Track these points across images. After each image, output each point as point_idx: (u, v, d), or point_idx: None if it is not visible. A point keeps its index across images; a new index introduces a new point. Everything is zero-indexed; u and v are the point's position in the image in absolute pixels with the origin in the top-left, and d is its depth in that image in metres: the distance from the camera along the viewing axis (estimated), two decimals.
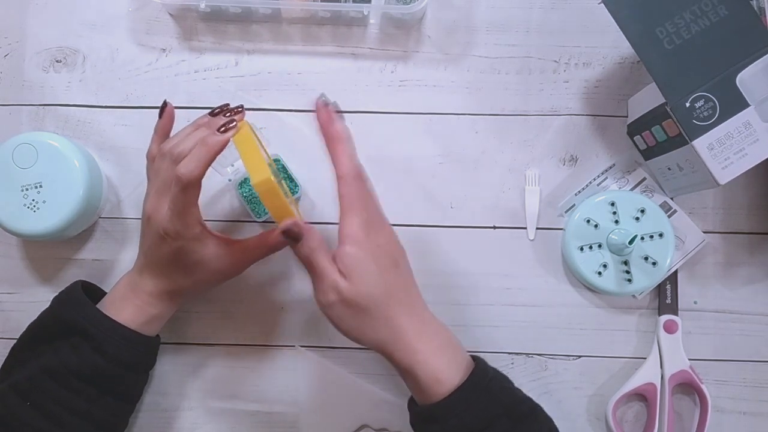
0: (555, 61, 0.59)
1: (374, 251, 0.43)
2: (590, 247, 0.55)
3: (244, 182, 0.57)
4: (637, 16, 0.49)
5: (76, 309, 0.47)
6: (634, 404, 0.57)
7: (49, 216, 0.50)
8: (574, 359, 0.57)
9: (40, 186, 0.51)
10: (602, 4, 0.49)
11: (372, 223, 0.44)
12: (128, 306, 0.48)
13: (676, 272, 0.57)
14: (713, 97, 0.48)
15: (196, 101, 0.58)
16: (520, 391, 0.47)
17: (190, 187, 0.43)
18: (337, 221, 0.58)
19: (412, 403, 0.48)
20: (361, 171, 0.45)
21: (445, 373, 0.44)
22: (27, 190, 0.50)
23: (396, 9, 0.56)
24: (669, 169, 0.54)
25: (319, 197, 0.58)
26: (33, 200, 0.50)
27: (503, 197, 0.58)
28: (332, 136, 0.45)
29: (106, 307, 0.48)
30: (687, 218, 0.57)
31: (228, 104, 0.48)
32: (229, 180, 0.56)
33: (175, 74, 0.59)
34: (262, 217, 0.56)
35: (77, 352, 0.46)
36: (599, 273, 0.55)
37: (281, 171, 0.57)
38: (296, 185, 0.57)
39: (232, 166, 0.56)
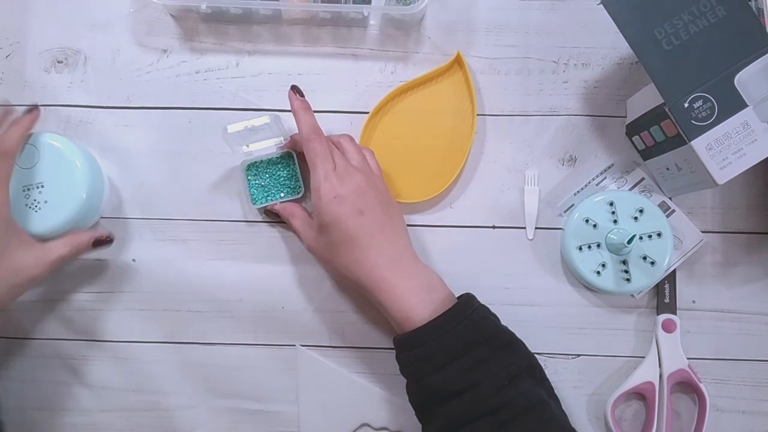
0: (554, 62, 0.60)
1: (335, 201, 0.48)
2: (589, 247, 0.55)
3: (252, 165, 0.57)
4: (635, 17, 0.49)
5: None
6: (632, 403, 0.58)
7: (51, 216, 0.51)
8: (573, 358, 0.57)
9: (42, 186, 0.51)
10: (601, 5, 0.49)
11: (335, 175, 0.49)
12: None
13: (674, 272, 0.57)
14: (711, 98, 0.48)
15: (197, 102, 0.59)
16: (502, 326, 0.49)
17: (5, 157, 0.48)
18: None
19: (396, 338, 0.49)
20: (317, 132, 0.50)
21: (415, 311, 0.46)
22: (29, 190, 0.51)
23: (396, 10, 0.56)
24: (667, 169, 0.54)
25: None
26: (35, 200, 0.51)
27: (502, 197, 0.59)
28: (293, 110, 0.51)
29: None
30: (685, 218, 0.58)
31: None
32: (242, 162, 0.57)
33: (176, 75, 0.59)
34: (257, 204, 0.57)
35: None
36: (598, 272, 0.55)
37: (291, 168, 0.57)
38: (300, 185, 0.57)
39: (247, 146, 0.56)
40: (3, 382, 0.54)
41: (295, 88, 0.52)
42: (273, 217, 0.57)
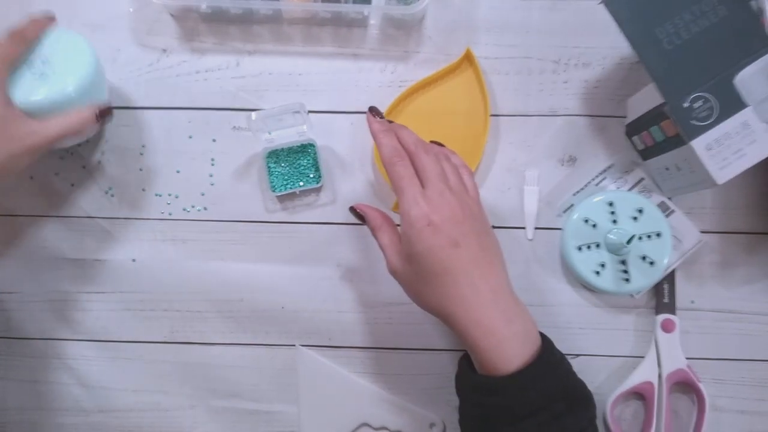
0: (554, 62, 0.60)
1: (428, 229, 0.44)
2: (588, 247, 0.55)
3: (273, 153, 0.57)
4: (636, 17, 0.49)
5: None
6: (631, 403, 0.58)
7: (56, 84, 0.50)
8: (572, 358, 0.58)
9: (47, 60, 0.50)
10: (602, 5, 0.49)
11: (425, 199, 0.44)
12: None
13: (673, 272, 0.57)
14: (712, 98, 0.48)
15: (197, 102, 0.59)
16: (575, 374, 0.47)
17: (19, 42, 0.49)
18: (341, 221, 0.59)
19: (465, 363, 0.47)
20: (400, 154, 0.46)
21: (507, 362, 0.43)
22: (32, 62, 0.50)
23: (396, 10, 0.56)
24: (667, 169, 0.54)
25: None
26: (40, 71, 0.50)
27: (502, 197, 0.59)
28: (372, 133, 0.48)
29: None
30: (684, 218, 0.58)
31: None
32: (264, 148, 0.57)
33: (176, 75, 0.59)
34: (276, 191, 0.57)
35: None
36: (597, 272, 0.55)
37: (311, 157, 0.58)
38: (320, 175, 0.57)
39: (269, 134, 0.56)
40: (3, 382, 0.54)
41: (373, 110, 0.49)
42: (357, 218, 0.51)
